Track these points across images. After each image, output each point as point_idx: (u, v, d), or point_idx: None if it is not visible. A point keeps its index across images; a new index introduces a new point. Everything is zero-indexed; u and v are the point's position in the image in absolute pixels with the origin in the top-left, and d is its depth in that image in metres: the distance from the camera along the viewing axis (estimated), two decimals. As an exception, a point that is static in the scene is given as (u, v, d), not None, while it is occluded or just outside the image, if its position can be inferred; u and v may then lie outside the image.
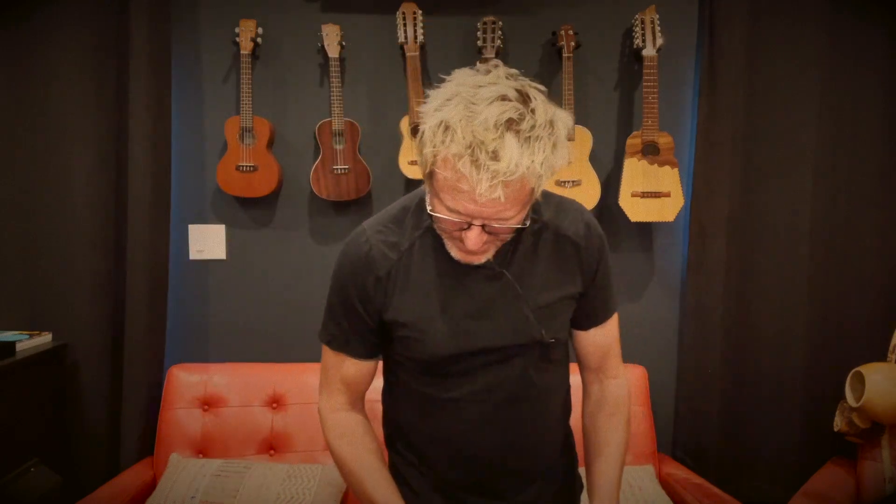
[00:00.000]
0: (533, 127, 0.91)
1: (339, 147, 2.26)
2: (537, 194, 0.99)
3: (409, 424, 1.23)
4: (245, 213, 2.40)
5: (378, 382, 1.28)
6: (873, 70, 2.36)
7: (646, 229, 2.43)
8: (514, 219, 0.98)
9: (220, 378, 2.23)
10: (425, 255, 1.12)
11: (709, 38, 2.29)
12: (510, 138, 0.90)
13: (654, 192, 2.25)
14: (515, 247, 1.12)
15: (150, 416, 2.23)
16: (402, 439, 1.25)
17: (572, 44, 2.26)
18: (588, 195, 2.26)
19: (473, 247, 1.00)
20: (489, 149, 0.89)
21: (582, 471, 1.31)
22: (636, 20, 2.27)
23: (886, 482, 2.02)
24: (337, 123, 2.25)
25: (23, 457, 1.95)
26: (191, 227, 2.40)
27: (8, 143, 2.28)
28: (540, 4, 2.38)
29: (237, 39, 2.26)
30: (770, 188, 2.39)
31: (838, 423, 2.14)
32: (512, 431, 1.17)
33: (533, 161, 0.91)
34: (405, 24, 2.22)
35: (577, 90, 2.27)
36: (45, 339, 2.23)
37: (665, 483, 2.14)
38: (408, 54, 2.22)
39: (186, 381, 2.22)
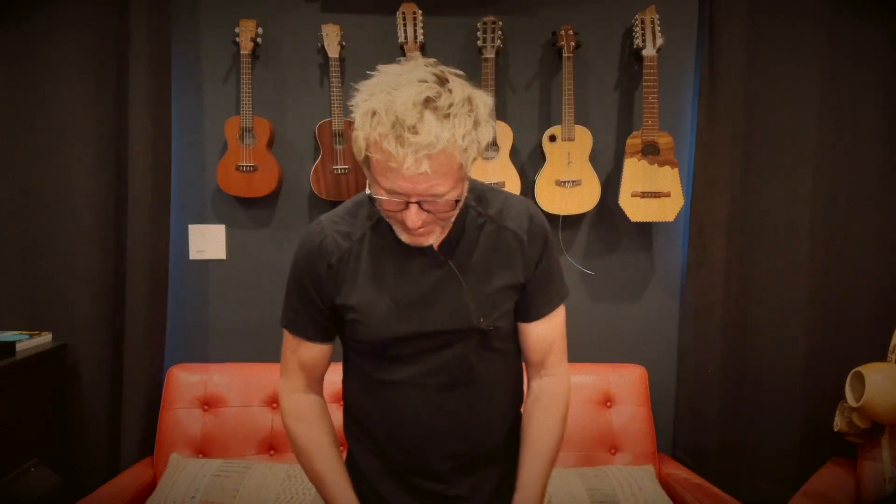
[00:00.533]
0: (451, 105, 1.00)
1: (339, 147, 2.26)
2: (467, 170, 1.06)
3: (360, 408, 1.29)
4: (245, 213, 2.40)
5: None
6: (873, 70, 2.36)
7: (646, 229, 2.43)
8: (447, 195, 1.05)
9: (220, 378, 2.23)
10: (375, 244, 1.21)
11: (709, 38, 2.29)
12: (429, 115, 0.98)
13: (654, 192, 2.25)
14: (460, 238, 1.20)
15: (150, 416, 2.23)
16: (356, 424, 1.31)
17: (572, 44, 2.26)
18: (588, 195, 2.26)
19: (413, 225, 1.07)
20: (409, 125, 0.97)
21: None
22: (636, 20, 2.27)
23: (886, 482, 2.02)
24: (337, 123, 2.25)
25: (23, 457, 1.95)
26: (191, 227, 2.40)
27: (8, 143, 2.28)
28: (540, 4, 2.38)
29: (237, 39, 2.26)
30: (770, 188, 2.39)
31: (838, 423, 2.14)
32: (451, 416, 1.22)
33: (453, 134, 0.99)
34: (405, 25, 2.22)
35: (577, 90, 2.27)
36: (45, 339, 2.23)
37: (665, 483, 2.14)
38: (408, 54, 2.22)
39: (186, 381, 2.21)
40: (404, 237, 1.15)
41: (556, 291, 1.28)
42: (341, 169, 2.26)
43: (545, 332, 1.29)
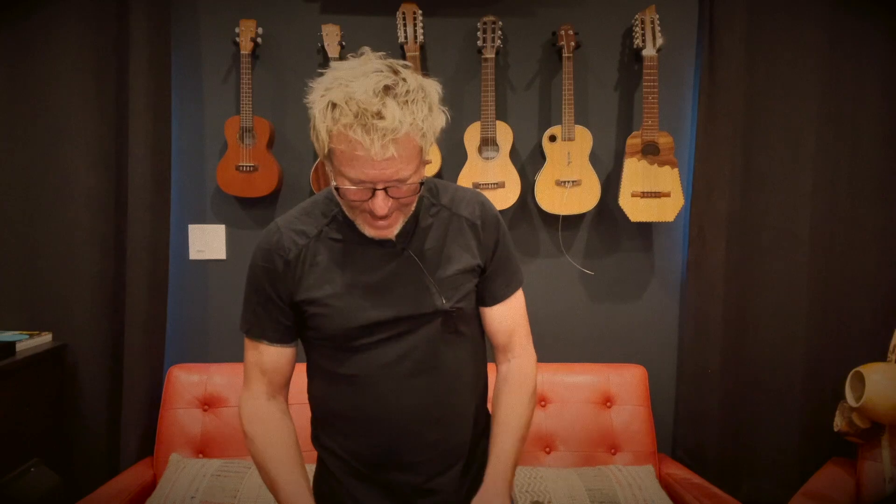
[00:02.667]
0: (407, 91, 1.04)
1: (339, 147, 2.26)
2: (426, 153, 1.11)
3: (328, 408, 1.29)
4: (245, 213, 2.40)
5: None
6: (873, 70, 2.36)
7: (646, 229, 2.43)
8: (410, 178, 1.08)
9: (220, 378, 2.23)
10: (332, 240, 1.22)
11: (709, 38, 2.29)
12: (390, 101, 1.02)
13: (654, 192, 2.25)
14: (415, 226, 1.22)
15: (150, 416, 2.23)
16: (324, 427, 1.30)
17: (572, 44, 2.26)
18: (588, 195, 2.27)
19: (381, 211, 1.09)
20: (374, 111, 1.01)
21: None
22: (636, 20, 2.27)
23: (886, 482, 2.02)
24: (337, 123, 2.25)
25: (23, 457, 1.95)
26: (191, 227, 2.40)
27: (8, 143, 2.28)
28: (540, 4, 2.38)
29: (237, 39, 2.26)
30: (770, 188, 2.39)
31: (838, 423, 2.14)
32: (421, 403, 1.22)
33: (414, 118, 1.04)
34: (405, 25, 2.22)
35: (577, 90, 2.27)
36: (45, 339, 2.23)
37: (665, 483, 2.14)
38: (408, 54, 2.22)
39: (186, 381, 2.22)
40: (369, 231, 1.16)
41: (513, 275, 1.31)
42: (341, 169, 2.26)
43: (508, 314, 1.31)
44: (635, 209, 2.25)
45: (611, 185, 2.37)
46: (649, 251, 2.45)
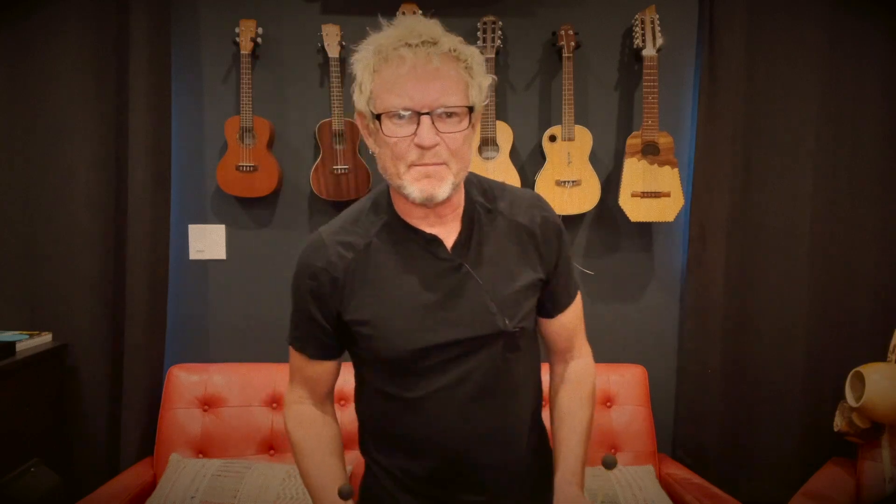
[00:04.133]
0: (450, 35, 1.07)
1: (339, 147, 2.26)
2: (472, 96, 1.06)
3: (379, 429, 1.23)
4: (245, 213, 2.40)
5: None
6: (873, 70, 2.36)
7: (646, 229, 2.43)
8: (456, 109, 1.03)
9: (220, 378, 2.23)
10: (382, 252, 1.13)
11: (709, 38, 2.29)
12: (434, 24, 1.06)
13: (654, 192, 2.25)
14: (470, 236, 1.14)
15: (150, 416, 2.23)
16: (374, 443, 1.25)
17: (572, 44, 2.26)
18: (588, 195, 2.27)
19: (428, 141, 1.02)
20: (417, 31, 1.03)
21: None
22: (636, 20, 2.27)
23: (886, 482, 2.02)
24: (337, 123, 2.25)
25: (23, 457, 1.95)
26: (191, 227, 2.40)
27: (8, 143, 2.28)
28: (540, 4, 2.38)
29: (237, 39, 2.26)
30: (770, 188, 2.39)
31: (838, 423, 2.14)
32: (483, 427, 1.15)
33: (457, 44, 1.05)
34: (405, 24, 2.22)
35: (577, 90, 2.27)
36: (45, 339, 2.23)
37: (665, 483, 2.14)
38: (408, 54, 2.22)
39: (186, 381, 2.22)
40: (416, 187, 1.05)
41: (573, 282, 1.26)
42: (341, 169, 2.26)
43: (568, 322, 1.26)
44: (635, 209, 2.25)
45: (611, 185, 2.37)
46: (649, 251, 2.44)
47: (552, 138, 2.27)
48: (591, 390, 1.28)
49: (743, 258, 2.39)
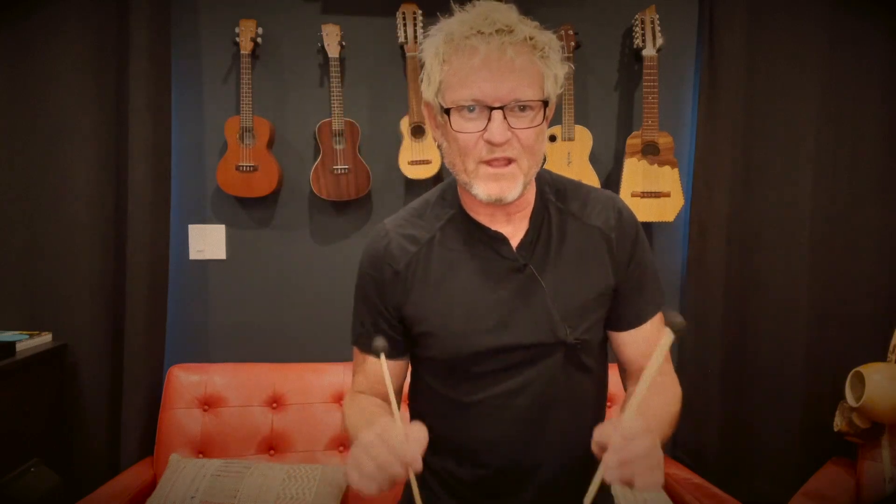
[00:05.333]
0: (527, 20, 1.00)
1: (339, 147, 2.26)
2: (548, 89, 1.00)
3: (432, 427, 1.16)
4: (245, 213, 2.40)
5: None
6: (873, 70, 2.36)
7: (646, 229, 2.41)
8: (531, 103, 0.98)
9: (220, 378, 2.23)
10: (446, 247, 1.10)
11: (709, 38, 2.29)
12: (509, 10, 0.99)
13: (654, 192, 2.25)
14: (539, 236, 1.09)
15: (150, 416, 2.23)
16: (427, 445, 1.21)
17: (572, 44, 2.26)
18: (588, 195, 2.27)
19: (499, 138, 0.97)
20: (492, 19, 0.96)
21: (615, 490, 1.23)
22: (636, 20, 2.27)
23: (886, 482, 2.02)
24: (337, 123, 2.25)
25: (23, 457, 1.95)
26: (191, 227, 2.40)
27: (8, 143, 2.28)
28: (540, 4, 2.37)
29: (237, 39, 2.26)
30: (770, 188, 2.39)
31: (838, 423, 2.14)
32: (535, 441, 1.10)
33: (533, 31, 0.98)
34: (405, 25, 2.22)
35: (577, 90, 2.27)
36: (45, 339, 2.23)
37: (665, 483, 2.14)
38: (408, 54, 2.23)
39: (186, 381, 2.21)
40: (485, 187, 1.00)
41: (651, 294, 1.15)
42: (341, 169, 2.26)
43: (643, 342, 1.13)
44: (635, 209, 2.22)
45: (611, 185, 2.37)
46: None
47: (552, 138, 2.27)
48: (673, 395, 1.10)
49: (743, 258, 2.39)
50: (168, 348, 2.35)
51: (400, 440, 0.90)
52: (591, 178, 2.26)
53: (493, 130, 0.97)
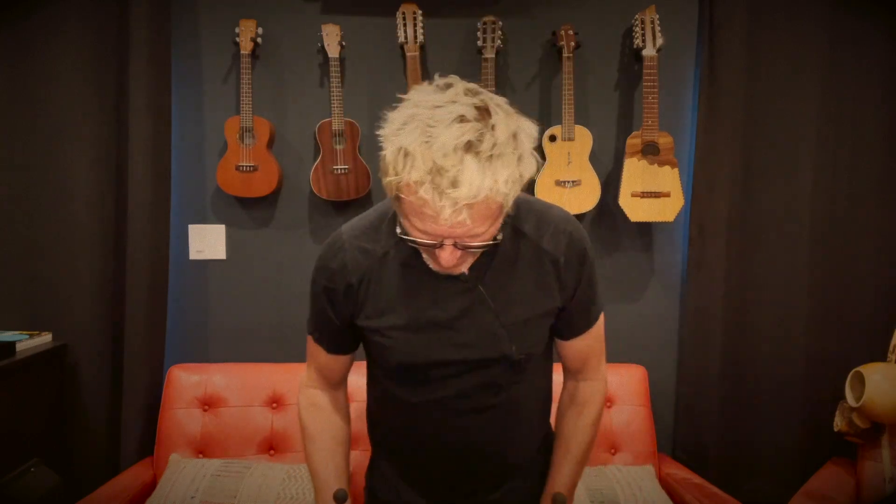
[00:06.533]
0: (494, 145, 0.90)
1: (339, 147, 2.26)
2: (507, 209, 0.98)
3: (382, 420, 1.28)
4: (245, 213, 2.40)
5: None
6: (873, 70, 2.36)
7: (646, 229, 2.43)
8: (485, 234, 0.97)
9: (220, 378, 2.23)
10: (399, 263, 1.12)
11: (709, 38, 2.29)
12: (470, 161, 0.88)
13: (654, 192, 2.25)
14: (492, 259, 1.11)
15: (150, 416, 2.23)
16: (377, 431, 1.30)
17: (572, 44, 2.26)
18: (588, 195, 2.26)
19: (448, 264, 1.00)
20: (449, 176, 0.88)
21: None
22: (636, 20, 2.27)
23: (886, 482, 2.02)
24: (337, 123, 2.25)
25: (23, 457, 1.95)
26: (191, 227, 2.40)
27: (8, 143, 2.28)
28: (540, 4, 2.38)
29: (237, 39, 2.26)
30: (770, 188, 2.39)
31: (838, 423, 2.14)
32: (478, 437, 1.18)
33: (496, 181, 0.90)
34: (405, 25, 2.22)
35: (577, 90, 2.27)
36: (45, 339, 2.23)
37: (665, 483, 2.14)
38: (408, 54, 2.22)
39: (186, 381, 2.21)
40: (434, 266, 1.06)
41: (595, 311, 1.21)
42: (341, 169, 2.26)
43: (583, 346, 1.24)
44: (635, 209, 2.25)
45: (611, 185, 2.37)
46: (649, 251, 2.44)
47: (552, 138, 2.27)
48: (597, 416, 1.26)
49: (743, 258, 2.39)
50: (168, 348, 2.35)
51: None
52: (591, 178, 2.26)
53: (442, 257, 0.99)
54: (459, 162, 0.88)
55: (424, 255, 1.07)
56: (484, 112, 0.91)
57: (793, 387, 2.41)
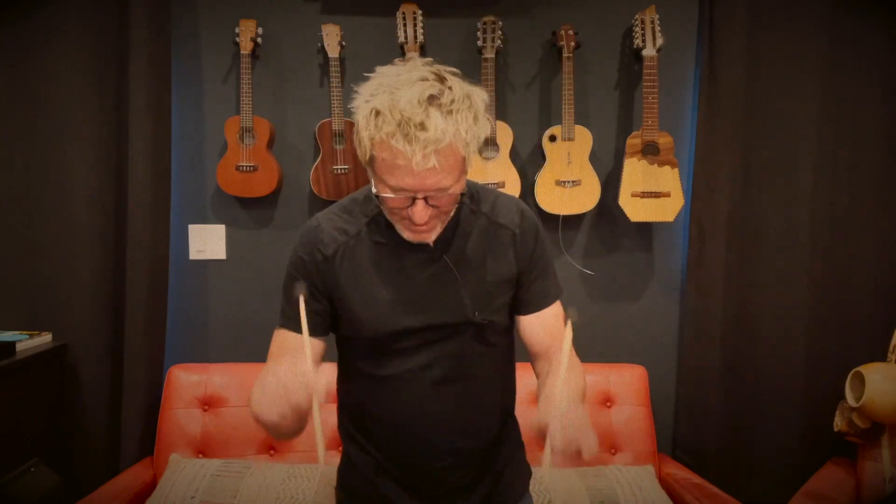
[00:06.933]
0: (452, 101, 1.03)
1: (339, 147, 2.26)
2: (469, 163, 1.10)
3: (356, 406, 1.30)
4: (245, 213, 2.40)
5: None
6: (873, 70, 2.36)
7: (646, 229, 2.43)
8: (452, 188, 1.08)
9: (220, 378, 2.23)
10: (371, 240, 1.22)
11: (709, 38, 2.29)
12: (434, 111, 1.01)
13: (654, 192, 2.25)
14: (454, 233, 1.22)
15: (150, 416, 2.23)
16: (352, 422, 1.32)
17: (572, 44, 2.26)
18: (588, 195, 2.27)
19: (421, 219, 1.09)
20: (417, 122, 1.00)
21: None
22: (636, 20, 2.27)
23: (886, 482, 2.02)
24: (337, 123, 2.25)
25: (23, 457, 1.95)
26: (191, 227, 2.40)
27: (8, 143, 2.28)
28: (540, 4, 2.38)
29: (237, 39, 2.26)
30: (770, 188, 2.39)
31: (838, 423, 2.14)
32: (447, 410, 1.23)
33: (458, 129, 1.03)
34: (405, 25, 2.22)
35: (577, 90, 2.27)
36: (45, 339, 2.23)
37: (665, 483, 2.14)
38: (408, 54, 2.22)
39: (186, 381, 2.21)
40: (407, 235, 1.15)
41: (552, 285, 1.30)
42: (341, 169, 2.26)
43: (546, 324, 1.29)
44: (635, 209, 2.25)
45: (611, 185, 2.37)
46: (649, 251, 2.44)
47: (552, 138, 2.27)
48: (581, 373, 1.22)
49: (743, 258, 2.39)
50: (168, 348, 2.35)
51: (307, 369, 0.99)
52: (591, 178, 2.26)
53: (415, 213, 1.09)
54: (424, 112, 1.01)
55: (397, 226, 1.15)
56: (440, 76, 1.06)
57: (793, 387, 2.41)
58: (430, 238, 1.16)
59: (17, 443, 2.02)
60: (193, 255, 2.40)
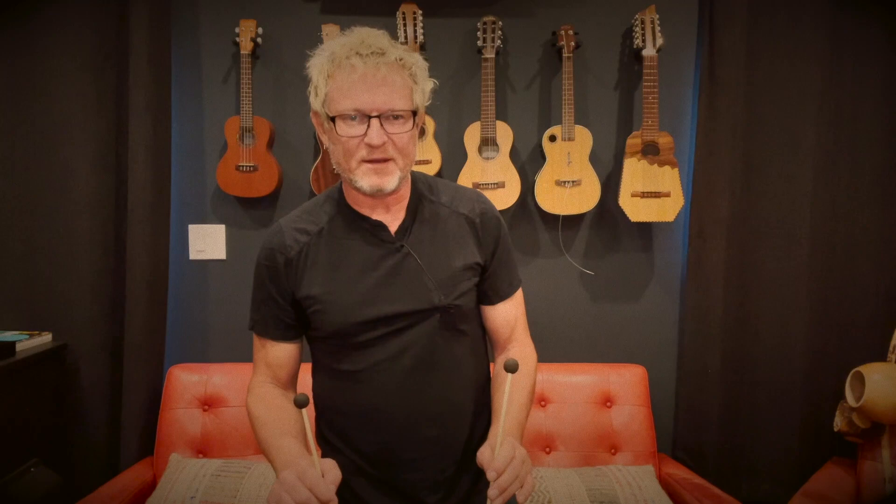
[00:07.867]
0: (400, 44, 1.18)
1: (339, 147, 2.26)
2: (417, 104, 1.18)
3: (331, 405, 1.31)
4: (245, 213, 2.40)
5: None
6: (873, 70, 2.36)
7: (646, 229, 2.43)
8: (402, 113, 1.15)
9: (220, 378, 2.23)
10: (333, 237, 1.26)
11: (709, 38, 2.29)
12: (381, 35, 1.16)
13: (654, 192, 2.25)
14: (413, 223, 1.26)
15: (150, 416, 2.23)
16: (328, 424, 1.33)
17: (572, 44, 2.26)
18: (588, 195, 2.27)
19: (377, 140, 1.14)
20: (367, 41, 1.14)
21: None
22: (636, 20, 2.27)
23: (886, 482, 2.02)
24: (337, 123, 2.25)
25: (23, 457, 1.95)
26: (191, 227, 2.40)
27: (8, 143, 2.28)
28: (540, 4, 2.38)
29: (237, 39, 2.26)
30: (770, 188, 2.39)
31: (838, 423, 2.14)
32: (419, 399, 1.24)
33: (403, 54, 1.15)
34: (405, 25, 2.22)
35: (577, 90, 2.27)
36: (45, 339, 2.23)
37: (665, 483, 2.14)
38: (408, 54, 2.22)
39: (186, 381, 2.22)
40: (366, 180, 1.17)
41: (514, 274, 1.35)
42: (341, 169, 2.26)
43: (510, 312, 1.34)
44: (635, 209, 2.25)
45: (611, 185, 2.37)
46: (649, 251, 2.44)
47: (552, 138, 2.27)
48: (532, 369, 1.32)
49: (743, 258, 2.39)
50: (168, 348, 2.35)
51: (317, 481, 1.03)
52: (591, 178, 2.26)
53: (371, 135, 1.14)
54: (375, 37, 1.15)
55: (357, 174, 1.18)
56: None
57: (793, 387, 2.41)
58: (390, 182, 1.18)
59: (17, 443, 2.02)
60: (193, 255, 2.40)
